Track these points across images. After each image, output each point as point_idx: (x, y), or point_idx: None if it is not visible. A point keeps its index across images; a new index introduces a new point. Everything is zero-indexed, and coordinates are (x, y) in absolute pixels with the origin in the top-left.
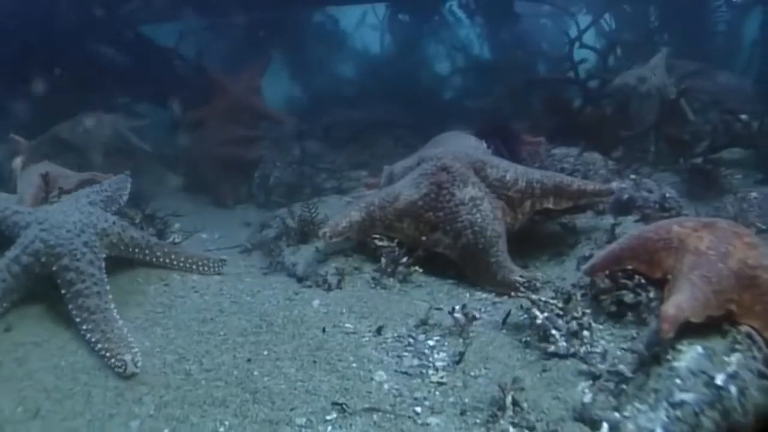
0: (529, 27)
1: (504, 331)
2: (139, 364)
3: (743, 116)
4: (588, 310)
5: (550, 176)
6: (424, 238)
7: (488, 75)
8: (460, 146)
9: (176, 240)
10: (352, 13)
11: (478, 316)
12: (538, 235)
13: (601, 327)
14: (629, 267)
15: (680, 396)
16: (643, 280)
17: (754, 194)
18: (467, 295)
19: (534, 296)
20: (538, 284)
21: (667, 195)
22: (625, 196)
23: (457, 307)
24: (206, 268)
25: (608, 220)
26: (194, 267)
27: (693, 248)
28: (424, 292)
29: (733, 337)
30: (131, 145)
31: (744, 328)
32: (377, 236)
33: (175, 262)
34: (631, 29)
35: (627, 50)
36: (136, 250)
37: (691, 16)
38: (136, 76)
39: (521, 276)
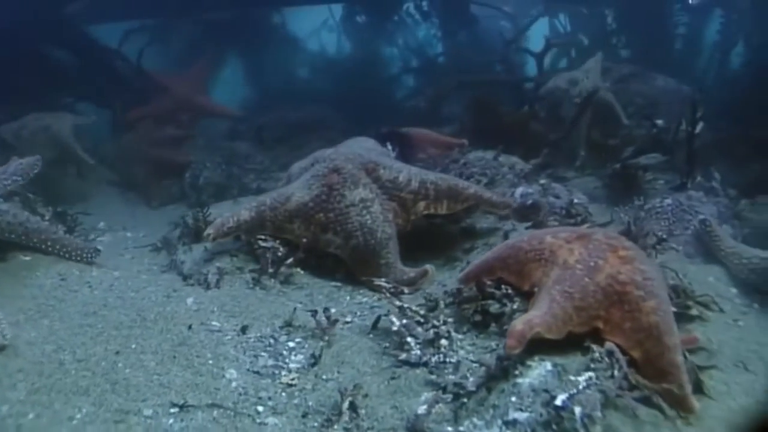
0: (487, 29)
1: (371, 336)
2: (8, 336)
3: (659, 121)
4: (451, 319)
5: (445, 179)
6: (305, 240)
7: (438, 77)
8: (356, 148)
9: (90, 237)
10: (309, 13)
11: (349, 319)
12: (437, 238)
13: (461, 337)
14: (501, 277)
15: (514, 414)
16: (509, 291)
17: (668, 201)
18: (347, 298)
19: (398, 302)
20: (405, 290)
21: (576, 201)
22: (529, 201)
23: (320, 310)
24: (79, 256)
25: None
26: (68, 254)
27: (561, 261)
28: (303, 294)
29: (592, 356)
30: (74, 155)
31: (608, 346)
32: (262, 237)
33: (50, 248)
34: (588, 31)
35: (581, 52)
36: (12, 234)
37: (649, 18)
38: (80, 76)
39: (386, 282)
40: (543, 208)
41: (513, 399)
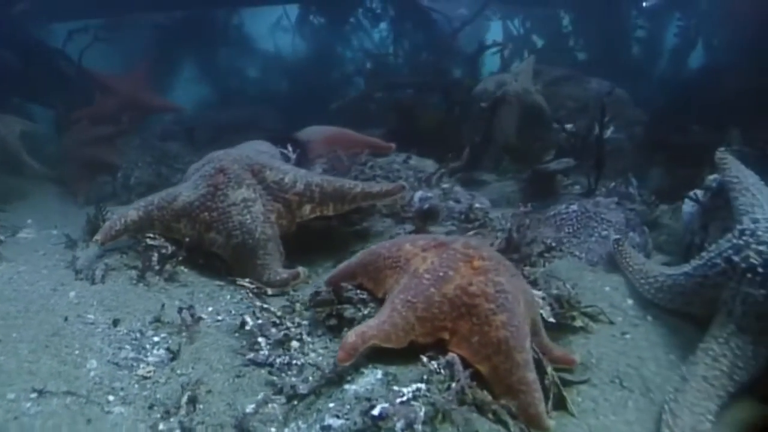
0: (443, 30)
1: (236, 335)
2: None
3: (569, 126)
4: (306, 322)
5: (331, 181)
6: (187, 239)
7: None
8: (248, 150)
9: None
10: (264, 14)
11: (221, 318)
12: (331, 240)
13: (315, 340)
14: (360, 282)
15: (329, 421)
16: (364, 296)
17: (574, 207)
18: (228, 297)
19: (258, 302)
20: (269, 291)
21: (477, 206)
22: (426, 206)
23: (185, 308)
24: None
25: (409, 227)
26: None
27: (412, 269)
28: (185, 292)
29: (429, 367)
30: (20, 161)
31: (448, 357)
32: (150, 235)
33: None
34: (543, 33)
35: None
36: None
37: (605, 21)
38: (24, 77)
39: (248, 282)
40: (440, 212)
41: (331, 405)
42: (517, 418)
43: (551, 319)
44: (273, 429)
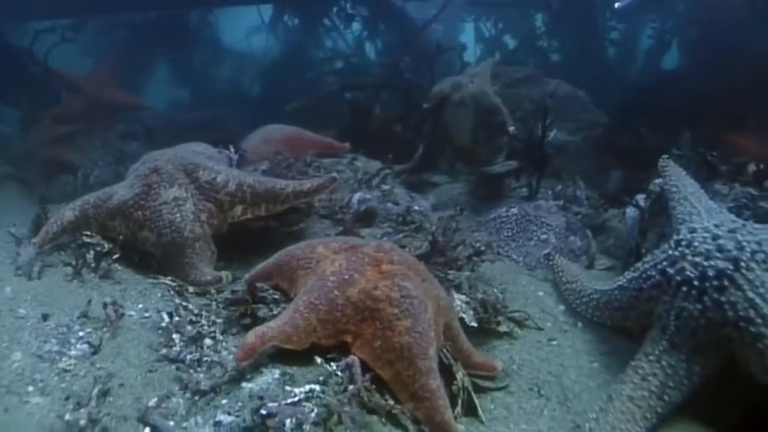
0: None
1: (159, 331)
2: None
3: (511, 129)
4: (221, 320)
5: (264, 181)
6: (121, 237)
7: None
8: (185, 151)
9: None
10: (238, 15)
11: (149, 314)
12: (268, 241)
13: (229, 338)
14: (276, 282)
15: (220, 417)
16: (277, 296)
17: (514, 210)
18: (159, 294)
19: (177, 300)
20: (190, 288)
21: (416, 208)
22: (363, 207)
23: (109, 303)
24: None
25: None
26: None
27: (320, 272)
28: (118, 289)
29: (327, 368)
30: None
31: (348, 360)
32: (87, 233)
33: None
34: (517, 35)
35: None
36: None
37: (577, 22)
38: None
39: (170, 280)
40: (377, 214)
41: (224, 401)
42: (420, 423)
43: (473, 324)
44: (172, 422)
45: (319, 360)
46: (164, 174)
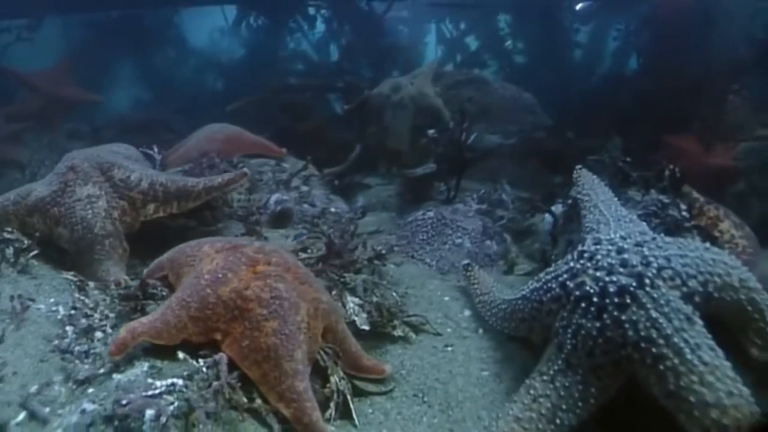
0: (384, 33)
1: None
2: None
3: (431, 131)
4: (113, 314)
5: (176, 180)
6: (37, 233)
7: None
8: (104, 151)
9: None
10: (204, 15)
11: (55, 309)
12: (185, 240)
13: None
14: (167, 276)
15: (86, 405)
16: (166, 292)
17: (430, 214)
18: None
19: (77, 294)
20: (91, 283)
21: (333, 210)
22: (278, 209)
23: (16, 296)
24: None
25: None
26: None
27: (198, 270)
28: (33, 284)
29: (194, 364)
30: None
31: (216, 357)
32: (8, 229)
33: None
34: (480, 36)
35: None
36: None
37: (543, 24)
38: None
39: (72, 275)
40: (293, 215)
41: (91, 390)
42: (287, 423)
43: (365, 327)
44: (48, 409)
45: (181, 355)
46: (80, 172)
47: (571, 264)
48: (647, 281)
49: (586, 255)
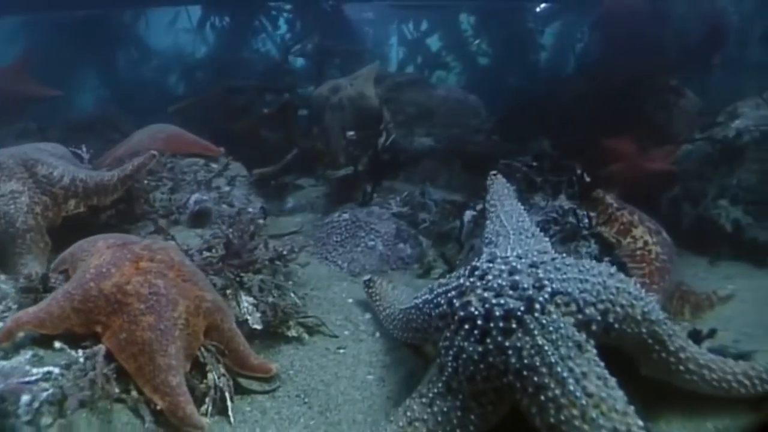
0: (351, 35)
1: None
2: None
3: (350, 133)
4: (16, 306)
5: (94, 175)
6: None
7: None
8: (30, 148)
9: None
10: (168, 15)
11: None
12: None
13: None
14: (67, 270)
15: None
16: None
17: (345, 215)
18: None
19: None
20: (2, 276)
21: (250, 210)
22: (197, 208)
23: None
24: None
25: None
26: None
27: (87, 264)
28: None
29: (73, 354)
30: None
31: (95, 349)
32: None
33: None
34: (442, 37)
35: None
36: None
37: (504, 25)
38: None
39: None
40: (210, 215)
41: None
42: (159, 414)
43: (257, 326)
44: None
45: (58, 345)
46: (5, 168)
47: (461, 280)
48: (537, 306)
49: (477, 273)
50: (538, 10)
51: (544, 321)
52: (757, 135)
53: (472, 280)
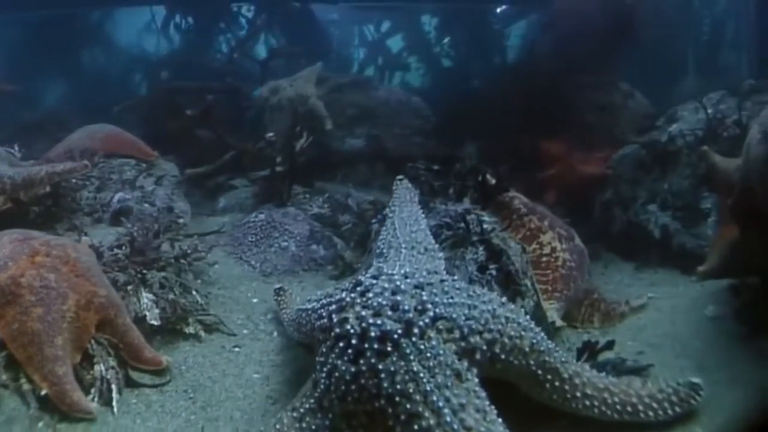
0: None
1: None
2: None
3: (269, 134)
4: None
5: (21, 171)
6: None
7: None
8: None
9: None
10: (135, 15)
11: None
12: None
13: None
14: None
15: None
16: None
17: (261, 216)
18: None
19: None
20: None
21: (173, 207)
22: (118, 207)
23: None
24: None
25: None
26: None
27: None
28: None
29: None
30: None
31: None
32: None
33: None
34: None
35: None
36: None
37: (467, 26)
38: None
39: None
40: (132, 213)
41: None
42: (47, 402)
43: (154, 322)
44: None
45: None
46: None
47: (343, 294)
48: (416, 330)
49: (359, 288)
50: (498, 11)
51: (422, 346)
52: (691, 139)
53: (353, 295)
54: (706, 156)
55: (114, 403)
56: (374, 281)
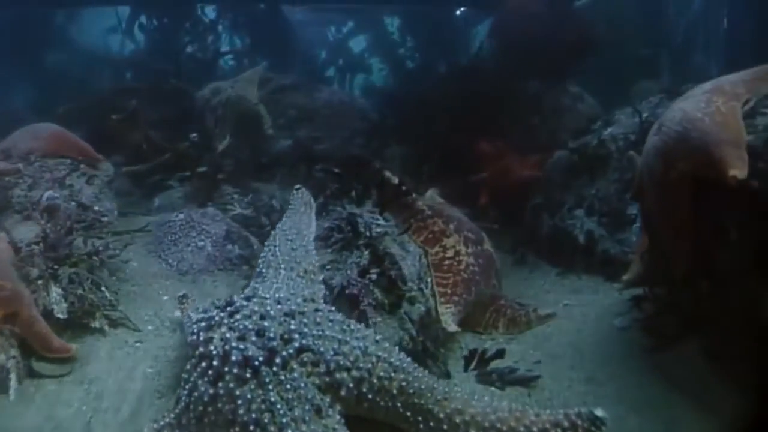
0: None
1: None
2: None
3: (193, 135)
4: None
5: None
6: None
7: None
8: None
9: None
10: (99, 15)
11: None
12: None
13: None
14: None
15: None
16: None
17: (181, 216)
18: None
19: None
20: None
21: (96, 208)
22: (46, 204)
23: None
24: None
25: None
26: None
27: None
28: None
29: None
30: None
31: None
32: None
33: None
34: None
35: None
36: None
37: (427, 28)
38: None
39: None
40: (59, 211)
41: None
42: None
43: (60, 315)
44: None
45: None
46: None
47: (213, 312)
48: (278, 359)
49: (229, 308)
50: (457, 13)
51: (282, 377)
52: (622, 144)
53: (222, 315)
54: (632, 161)
55: (11, 391)
56: (245, 303)
